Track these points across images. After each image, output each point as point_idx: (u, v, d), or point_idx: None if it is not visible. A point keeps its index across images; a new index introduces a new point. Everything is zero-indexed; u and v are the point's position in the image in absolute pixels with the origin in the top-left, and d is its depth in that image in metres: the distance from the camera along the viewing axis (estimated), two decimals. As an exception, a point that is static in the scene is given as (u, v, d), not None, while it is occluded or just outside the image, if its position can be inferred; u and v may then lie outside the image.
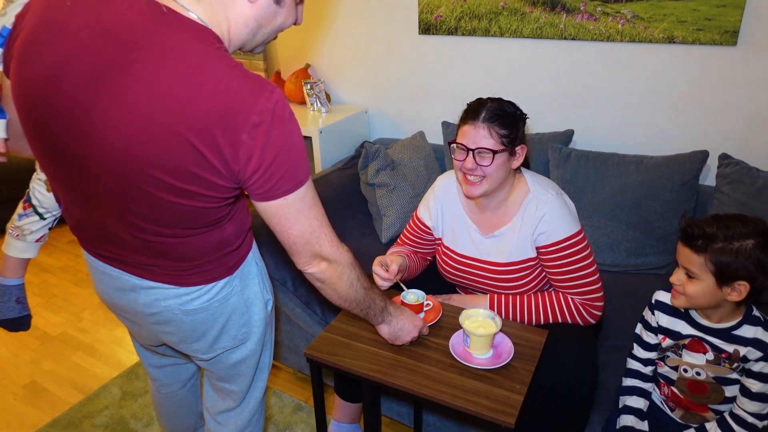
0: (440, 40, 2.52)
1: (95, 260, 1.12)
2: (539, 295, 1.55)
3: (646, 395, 1.40)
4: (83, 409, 2.12)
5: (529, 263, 1.54)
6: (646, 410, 1.38)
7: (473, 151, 1.43)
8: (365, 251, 2.19)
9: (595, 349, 1.51)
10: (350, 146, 2.75)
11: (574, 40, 2.22)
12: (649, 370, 1.40)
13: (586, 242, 1.50)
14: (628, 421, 1.37)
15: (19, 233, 1.53)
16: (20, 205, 1.54)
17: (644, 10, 2.05)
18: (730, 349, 1.22)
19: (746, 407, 1.23)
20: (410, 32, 2.58)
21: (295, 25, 1.06)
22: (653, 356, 1.38)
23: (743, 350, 1.21)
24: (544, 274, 1.57)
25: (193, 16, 0.90)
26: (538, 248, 1.52)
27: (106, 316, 2.70)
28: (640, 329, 1.40)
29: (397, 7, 2.57)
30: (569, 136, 2.25)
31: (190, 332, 1.14)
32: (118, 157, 0.88)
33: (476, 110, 1.45)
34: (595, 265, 1.51)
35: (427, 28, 2.51)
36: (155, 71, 0.84)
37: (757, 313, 1.24)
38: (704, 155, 2.00)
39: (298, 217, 0.98)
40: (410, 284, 1.56)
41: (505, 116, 1.44)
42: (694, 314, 1.29)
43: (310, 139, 2.57)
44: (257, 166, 0.89)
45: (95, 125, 0.87)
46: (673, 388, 1.34)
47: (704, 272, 1.18)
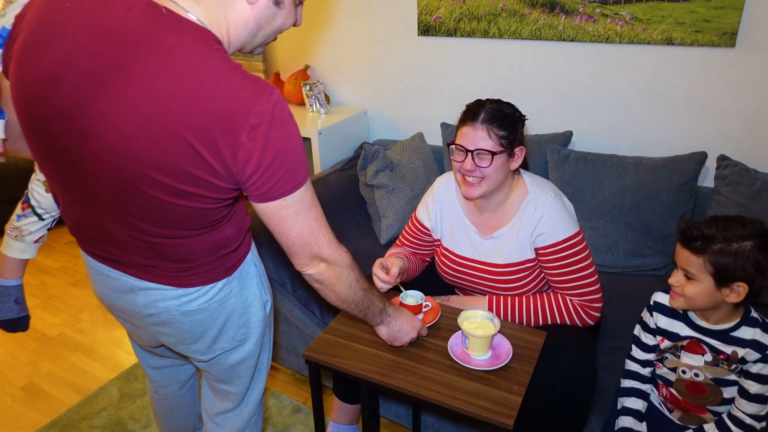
0: (439, 41, 2.52)
1: (94, 261, 1.12)
2: (538, 296, 1.55)
3: (644, 396, 1.40)
4: (81, 410, 2.12)
5: (527, 264, 1.54)
6: (644, 411, 1.38)
7: (472, 152, 1.43)
8: (364, 252, 2.19)
9: (593, 350, 1.51)
10: (349, 147, 2.75)
11: (572, 41, 2.22)
12: (647, 371, 1.40)
13: (584, 243, 1.50)
14: (626, 422, 1.37)
15: (17, 234, 1.53)
16: (19, 205, 1.54)
17: (643, 11, 2.05)
18: (728, 350, 1.23)
19: (744, 408, 1.23)
20: (409, 33, 2.58)
21: (294, 26, 1.06)
22: (652, 357, 1.38)
23: (741, 351, 1.21)
24: (542, 275, 1.57)
25: (192, 17, 0.90)
26: (536, 249, 1.52)
27: (104, 317, 2.70)
28: (638, 330, 1.40)
29: (396, 8, 2.57)
30: (568, 137, 2.25)
31: (188, 333, 1.13)
32: (117, 157, 0.88)
33: (475, 111, 1.45)
34: (593, 266, 1.51)
35: (426, 29, 2.51)
36: (155, 71, 0.84)
37: (755, 314, 1.24)
38: (703, 156, 2.00)
39: (296, 218, 0.98)
40: (409, 285, 1.56)
41: (504, 117, 1.44)
42: (692, 315, 1.29)
43: (309, 140, 2.57)
44: (256, 167, 0.89)
45: (94, 125, 0.87)
46: (671, 389, 1.34)
47: (703, 273, 1.18)
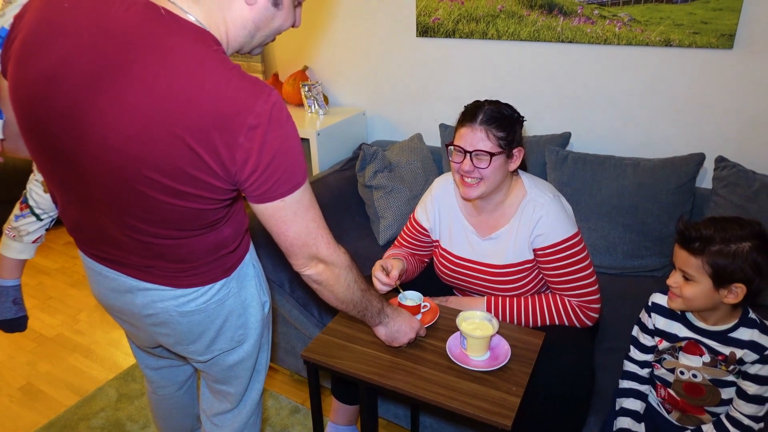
0: (438, 42, 2.52)
1: (92, 261, 1.12)
2: (536, 297, 1.55)
3: (642, 397, 1.40)
4: (79, 411, 2.11)
5: (526, 265, 1.54)
6: (642, 412, 1.38)
7: (470, 153, 1.43)
8: (363, 253, 2.19)
9: (592, 351, 1.52)
10: (348, 148, 2.75)
11: (571, 43, 2.23)
12: (645, 372, 1.40)
13: (583, 244, 1.51)
14: (624, 423, 1.37)
15: (15, 234, 1.53)
16: (17, 206, 1.54)
17: (641, 13, 2.06)
18: (726, 351, 1.23)
19: (742, 409, 1.23)
20: (408, 35, 2.58)
21: (293, 27, 1.06)
22: (650, 358, 1.38)
23: (739, 352, 1.21)
24: (541, 276, 1.57)
25: (191, 18, 0.90)
26: (535, 250, 1.52)
27: (102, 318, 2.70)
28: (636, 331, 1.40)
29: (395, 9, 2.57)
30: (566, 138, 2.26)
31: (186, 334, 1.13)
32: (115, 157, 0.88)
33: (473, 113, 1.45)
34: (592, 267, 1.51)
35: (424, 30, 2.51)
36: (154, 72, 0.84)
37: (753, 315, 1.24)
38: (701, 158, 2.01)
39: (295, 219, 0.98)
40: (408, 286, 1.56)
41: (502, 119, 1.44)
42: (690, 316, 1.29)
43: (307, 141, 2.57)
44: (254, 168, 0.89)
45: (93, 126, 0.87)
46: (669, 390, 1.34)
47: (701, 274, 1.18)
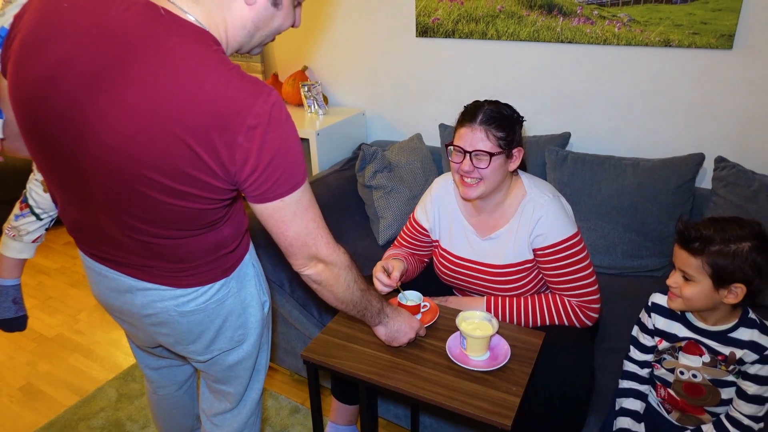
0: (437, 42, 2.52)
1: (92, 261, 1.12)
2: (536, 297, 1.55)
3: (642, 397, 1.40)
4: (79, 411, 2.11)
5: (525, 265, 1.54)
6: (642, 412, 1.39)
7: (470, 153, 1.43)
8: (362, 253, 2.19)
9: (591, 351, 1.52)
10: (347, 148, 2.75)
11: (570, 43, 2.23)
12: (645, 372, 1.40)
13: (582, 244, 1.51)
14: (624, 423, 1.37)
15: (15, 234, 1.53)
16: (17, 205, 1.54)
17: (640, 13, 2.06)
18: (726, 351, 1.23)
19: (742, 409, 1.23)
20: (408, 35, 2.59)
21: (293, 27, 1.06)
22: (650, 358, 1.38)
23: (739, 353, 1.21)
24: (540, 276, 1.57)
25: (190, 18, 0.90)
26: (534, 250, 1.52)
27: (102, 318, 2.70)
28: (636, 331, 1.40)
29: (394, 9, 2.57)
30: (566, 138, 2.26)
31: (186, 334, 1.13)
32: (114, 157, 0.88)
33: (473, 113, 1.45)
34: (591, 267, 1.51)
35: (424, 30, 2.52)
36: (154, 72, 0.84)
37: (753, 315, 1.24)
38: (700, 158, 2.01)
39: (294, 219, 0.98)
40: (407, 286, 1.56)
41: (502, 119, 1.44)
42: (690, 317, 1.29)
43: (307, 141, 2.57)
44: (253, 168, 0.89)
45: (93, 125, 0.87)
46: (669, 390, 1.34)
47: (701, 275, 1.18)
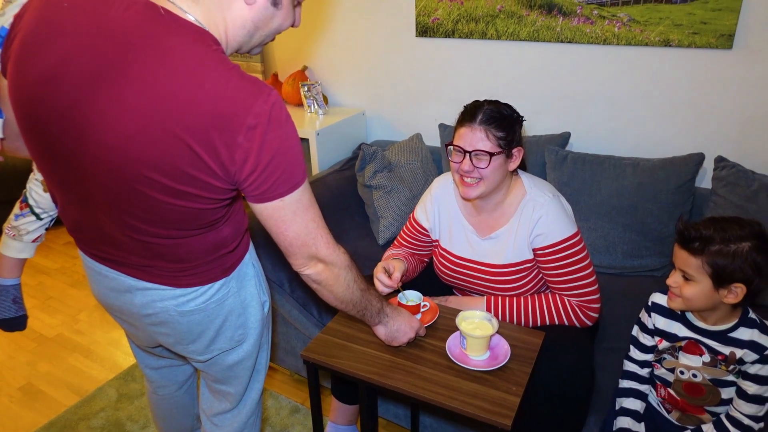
0: (437, 42, 2.52)
1: (92, 261, 1.12)
2: (536, 297, 1.55)
3: (642, 397, 1.40)
4: (79, 411, 2.11)
5: (525, 265, 1.54)
6: (642, 412, 1.39)
7: (470, 153, 1.43)
8: (362, 253, 2.19)
9: (591, 350, 1.52)
10: (347, 148, 2.75)
11: (570, 43, 2.23)
12: (645, 372, 1.40)
13: (582, 244, 1.51)
14: (624, 423, 1.37)
15: (15, 233, 1.53)
16: (17, 205, 1.54)
17: (640, 13, 2.06)
18: (726, 351, 1.23)
19: (742, 409, 1.23)
20: (407, 35, 2.58)
21: (292, 27, 1.06)
22: (650, 358, 1.38)
23: (739, 352, 1.21)
24: (540, 276, 1.57)
25: (190, 18, 0.90)
26: (534, 250, 1.52)
27: (102, 318, 2.70)
28: (636, 331, 1.40)
29: (394, 9, 2.57)
30: (566, 138, 2.26)
31: (186, 333, 1.13)
32: (114, 157, 0.88)
33: (473, 112, 1.45)
34: (591, 267, 1.51)
35: (424, 30, 2.52)
36: (154, 72, 0.84)
37: (753, 315, 1.24)
38: (700, 158, 2.01)
39: (294, 218, 0.98)
40: (407, 286, 1.56)
41: (501, 118, 1.44)
42: (690, 316, 1.29)
43: (307, 140, 2.57)
44: (253, 168, 0.89)
45: (92, 125, 0.87)
46: (669, 390, 1.34)
47: (701, 274, 1.18)
